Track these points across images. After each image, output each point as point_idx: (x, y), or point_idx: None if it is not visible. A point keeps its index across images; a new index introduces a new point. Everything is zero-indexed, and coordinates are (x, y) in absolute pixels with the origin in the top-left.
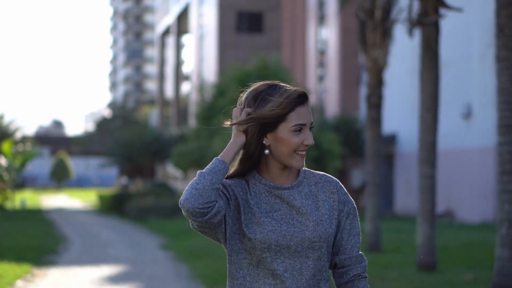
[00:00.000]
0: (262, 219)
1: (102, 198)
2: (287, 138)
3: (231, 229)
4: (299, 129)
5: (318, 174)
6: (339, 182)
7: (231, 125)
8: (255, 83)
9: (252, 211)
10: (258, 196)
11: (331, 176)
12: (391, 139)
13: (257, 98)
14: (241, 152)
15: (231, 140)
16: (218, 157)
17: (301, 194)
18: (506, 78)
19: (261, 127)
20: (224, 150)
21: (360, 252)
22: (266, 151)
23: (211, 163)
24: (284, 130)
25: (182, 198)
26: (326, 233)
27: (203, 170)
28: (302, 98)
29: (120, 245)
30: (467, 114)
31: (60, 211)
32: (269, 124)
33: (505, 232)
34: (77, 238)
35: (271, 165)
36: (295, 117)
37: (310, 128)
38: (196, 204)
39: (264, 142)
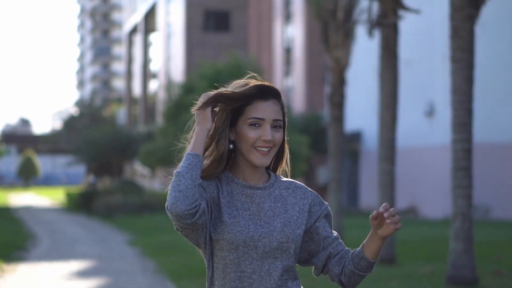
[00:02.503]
0: (230, 220)
1: (69, 196)
2: (243, 132)
3: (210, 232)
4: (256, 123)
5: (288, 180)
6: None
7: (197, 110)
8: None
9: (221, 210)
10: (230, 195)
11: (299, 182)
12: (356, 137)
13: (229, 85)
14: (213, 152)
15: (196, 129)
16: (189, 152)
17: (271, 196)
18: (460, 78)
19: (226, 119)
20: (192, 141)
21: None
22: (231, 146)
23: (184, 159)
24: (242, 123)
25: (168, 203)
26: (294, 234)
27: (179, 169)
28: (263, 92)
29: (88, 241)
30: (430, 112)
31: (28, 209)
32: (232, 117)
33: (459, 226)
34: (46, 235)
35: (242, 163)
36: (252, 110)
37: (278, 126)
38: (183, 206)
39: (229, 137)
